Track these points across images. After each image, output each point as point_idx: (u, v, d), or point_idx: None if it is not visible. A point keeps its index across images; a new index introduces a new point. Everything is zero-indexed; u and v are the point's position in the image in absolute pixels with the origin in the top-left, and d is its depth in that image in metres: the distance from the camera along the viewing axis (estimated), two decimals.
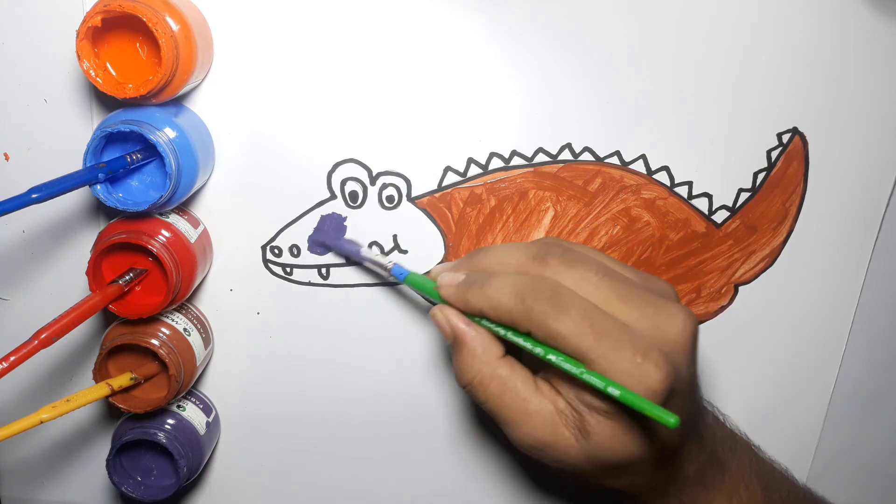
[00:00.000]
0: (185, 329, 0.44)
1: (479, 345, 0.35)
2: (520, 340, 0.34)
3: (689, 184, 0.46)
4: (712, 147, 0.45)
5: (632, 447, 0.33)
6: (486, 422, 0.50)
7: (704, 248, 0.47)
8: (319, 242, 0.46)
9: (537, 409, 0.34)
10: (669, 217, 0.47)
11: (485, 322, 0.36)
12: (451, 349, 0.37)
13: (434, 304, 0.39)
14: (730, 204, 0.47)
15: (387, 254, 0.47)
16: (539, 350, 0.33)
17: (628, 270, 0.36)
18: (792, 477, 0.43)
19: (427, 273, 0.40)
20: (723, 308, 0.49)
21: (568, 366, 0.32)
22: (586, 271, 0.34)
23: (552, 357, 0.33)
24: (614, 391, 0.31)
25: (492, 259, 0.36)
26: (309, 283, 0.47)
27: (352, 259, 0.46)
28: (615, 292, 0.33)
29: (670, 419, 0.29)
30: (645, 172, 0.46)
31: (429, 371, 0.49)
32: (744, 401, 0.51)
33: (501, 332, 0.35)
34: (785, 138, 0.46)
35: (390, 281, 0.46)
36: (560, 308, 0.32)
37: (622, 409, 0.32)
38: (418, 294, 0.47)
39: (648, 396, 0.31)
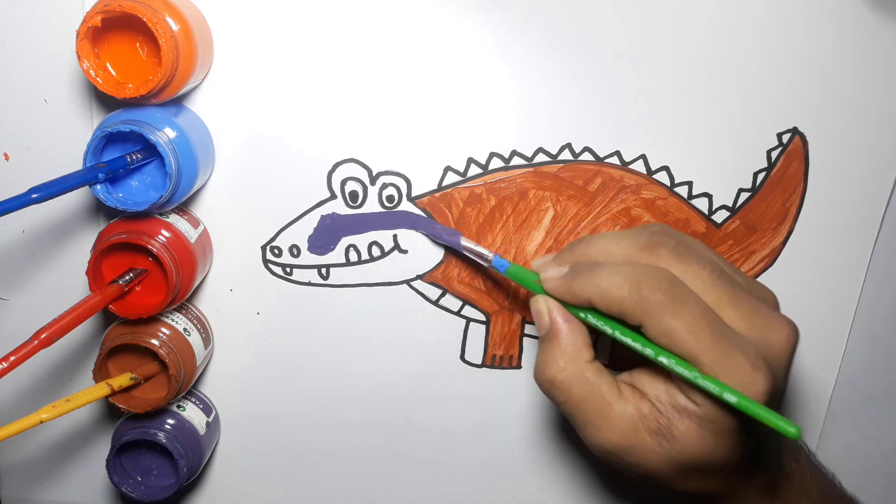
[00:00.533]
0: (185, 329, 0.44)
1: (572, 343, 0.34)
2: (628, 340, 0.33)
3: (689, 184, 0.46)
4: (712, 147, 0.45)
5: (719, 453, 0.32)
6: (485, 422, 0.50)
7: None
8: (416, 228, 0.46)
9: (619, 414, 0.33)
10: (669, 217, 0.47)
11: (590, 318, 0.34)
12: (541, 342, 0.35)
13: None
14: (730, 204, 0.47)
15: (387, 253, 0.47)
16: (649, 351, 0.32)
17: (736, 272, 0.35)
18: (840, 483, 0.42)
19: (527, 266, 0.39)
20: None
21: (681, 369, 0.31)
22: (700, 269, 0.32)
23: (664, 359, 0.31)
24: (731, 398, 0.30)
25: (595, 249, 0.34)
26: (309, 283, 0.47)
27: (450, 247, 0.45)
28: (727, 295, 0.32)
29: (791, 429, 0.29)
30: (645, 172, 0.46)
31: (429, 371, 0.49)
32: None
33: (609, 329, 0.33)
34: (785, 138, 0.46)
35: (489, 268, 0.44)
36: (678, 302, 0.31)
37: (717, 415, 0.31)
38: (427, 294, 0.47)
39: (761, 396, 0.31)
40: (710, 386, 0.30)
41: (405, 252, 0.47)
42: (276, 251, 0.47)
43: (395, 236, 0.46)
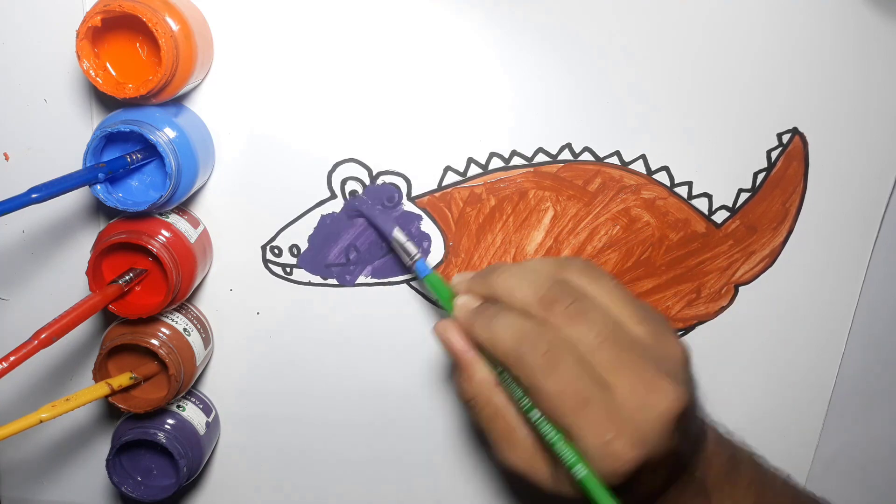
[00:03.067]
0: (184, 329, 0.44)
1: (478, 370, 0.36)
2: (510, 387, 0.35)
3: (689, 184, 0.46)
4: (712, 147, 0.45)
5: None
6: None
7: (704, 248, 0.47)
8: (355, 207, 0.45)
9: (521, 440, 0.35)
10: (669, 217, 0.47)
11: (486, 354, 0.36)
12: (452, 365, 0.37)
13: (442, 309, 0.39)
14: (730, 204, 0.47)
15: (387, 253, 0.47)
16: (525, 402, 0.34)
17: (644, 325, 0.35)
18: (794, 489, 0.43)
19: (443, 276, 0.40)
20: (723, 308, 0.49)
21: (545, 429, 0.33)
22: (588, 331, 0.33)
23: (533, 416, 0.34)
24: (579, 472, 0.32)
25: (502, 287, 0.36)
26: (309, 283, 0.47)
27: (381, 234, 0.46)
28: (611, 360, 0.33)
29: None
30: (645, 172, 0.46)
31: (429, 371, 0.49)
32: (744, 401, 0.51)
33: (497, 369, 0.35)
34: (785, 138, 0.46)
35: (408, 271, 0.45)
36: (551, 366, 0.32)
37: None
38: (429, 294, 0.47)
39: (610, 474, 0.32)
40: (566, 455, 0.32)
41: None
42: (276, 251, 0.47)
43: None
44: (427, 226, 0.46)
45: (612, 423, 0.32)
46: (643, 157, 0.45)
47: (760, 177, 0.46)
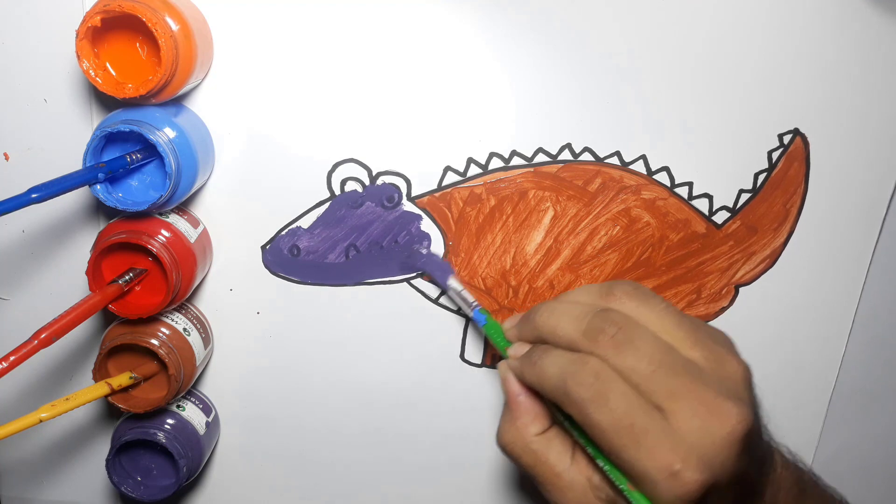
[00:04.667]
0: (184, 329, 0.44)
1: (522, 415, 0.36)
2: (572, 430, 0.34)
3: (690, 184, 0.46)
4: (713, 148, 0.45)
5: None
6: (485, 421, 0.50)
7: (705, 248, 0.47)
8: (413, 262, 0.46)
9: (569, 483, 0.34)
10: (669, 217, 0.47)
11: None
12: (504, 406, 0.37)
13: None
14: (730, 205, 0.47)
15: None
16: (583, 441, 0.33)
17: (699, 347, 0.33)
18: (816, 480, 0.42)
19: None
20: (723, 309, 0.49)
21: (610, 474, 0.32)
22: (638, 359, 0.31)
23: (591, 453, 0.33)
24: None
25: (546, 327, 0.35)
26: (309, 283, 0.47)
27: (436, 283, 0.47)
28: (665, 387, 0.31)
29: None
30: (645, 173, 0.46)
31: (428, 372, 0.49)
32: None
33: (560, 416, 0.35)
34: (786, 139, 0.45)
35: (465, 314, 0.45)
36: (601, 398, 0.31)
37: None
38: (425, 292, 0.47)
39: (679, 499, 0.30)
40: (632, 497, 0.31)
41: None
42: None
43: (394, 235, 0.46)
44: (427, 226, 0.46)
45: (675, 451, 0.30)
46: (643, 157, 0.45)
47: (761, 177, 0.46)
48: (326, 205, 0.46)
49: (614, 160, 0.45)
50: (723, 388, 0.32)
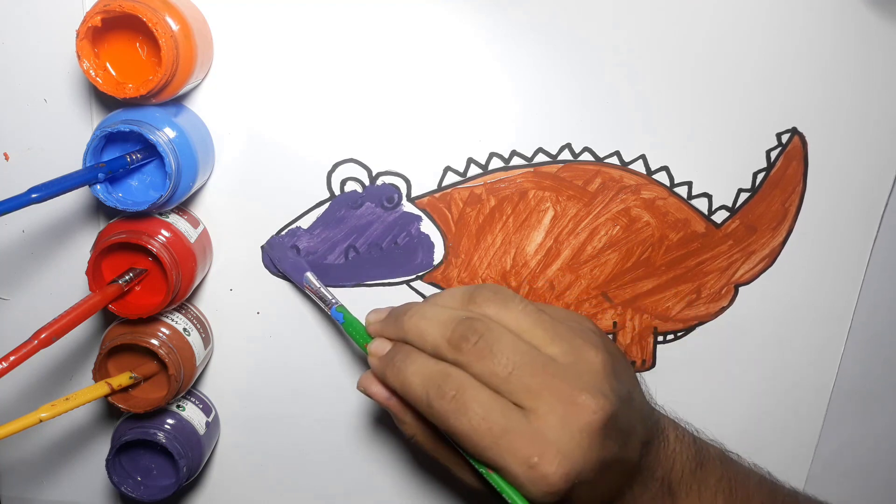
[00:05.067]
0: (184, 329, 0.44)
1: (405, 415, 0.37)
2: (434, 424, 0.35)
3: (689, 184, 0.46)
4: (712, 147, 0.45)
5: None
6: None
7: (704, 248, 0.47)
8: (267, 252, 0.46)
9: (469, 465, 0.36)
10: (669, 217, 0.47)
11: None
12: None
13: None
14: (729, 204, 0.47)
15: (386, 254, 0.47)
16: (450, 440, 0.35)
17: (556, 344, 0.35)
18: (772, 485, 0.43)
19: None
20: (723, 309, 0.49)
21: (474, 464, 0.34)
22: (496, 364, 0.33)
23: (461, 451, 0.35)
24: (510, 498, 0.33)
25: (413, 331, 0.36)
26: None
27: (292, 282, 0.46)
28: (523, 386, 0.33)
29: None
30: (644, 172, 0.46)
31: None
32: (744, 401, 0.51)
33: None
34: (784, 138, 0.46)
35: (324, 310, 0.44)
36: (461, 408, 0.33)
37: None
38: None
39: (544, 496, 0.32)
40: (496, 484, 0.33)
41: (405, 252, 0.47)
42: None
43: (394, 236, 0.46)
44: (427, 226, 0.46)
45: (533, 446, 0.32)
46: (643, 157, 0.45)
47: (760, 177, 0.46)
48: (326, 205, 0.46)
49: (614, 160, 0.45)
50: (580, 381, 0.34)
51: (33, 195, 0.33)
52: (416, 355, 0.35)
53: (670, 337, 0.49)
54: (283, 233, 0.46)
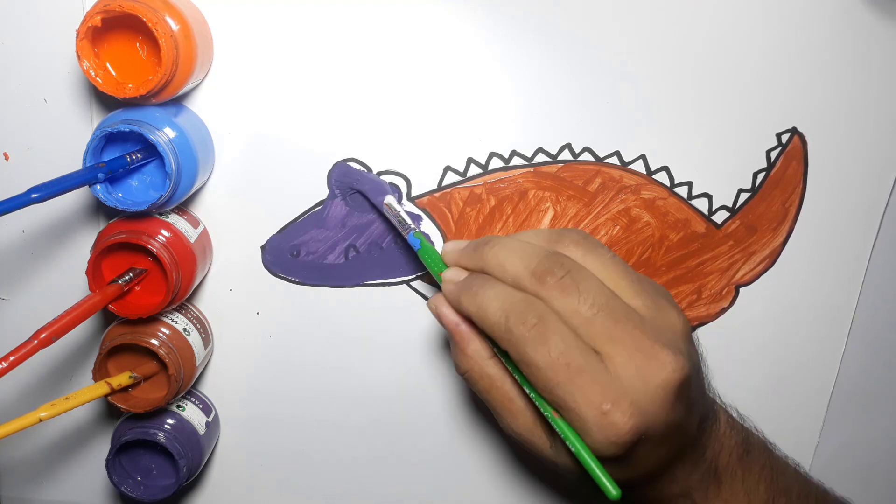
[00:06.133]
0: (184, 329, 0.44)
1: (469, 342, 0.35)
2: (504, 359, 0.34)
3: (689, 184, 0.46)
4: (712, 147, 0.45)
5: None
6: (486, 421, 0.50)
7: (704, 248, 0.47)
8: (342, 177, 0.45)
9: (520, 409, 0.35)
10: (669, 217, 0.47)
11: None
12: (447, 338, 0.36)
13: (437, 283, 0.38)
14: (730, 204, 0.47)
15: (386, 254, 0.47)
16: (517, 376, 0.33)
17: (641, 297, 0.34)
18: (805, 476, 0.42)
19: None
20: (724, 310, 0.49)
21: (539, 403, 0.33)
22: (581, 303, 0.32)
23: (526, 388, 0.33)
24: (572, 444, 0.31)
25: (493, 260, 0.35)
26: (309, 285, 0.47)
27: (371, 202, 0.45)
28: (605, 331, 0.32)
29: (612, 491, 0.30)
30: (645, 172, 0.46)
31: (429, 371, 0.49)
32: (744, 401, 0.51)
33: (489, 341, 0.35)
34: (784, 138, 0.46)
35: (401, 239, 0.43)
36: (540, 338, 0.32)
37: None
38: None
39: (609, 445, 0.31)
40: (559, 428, 0.32)
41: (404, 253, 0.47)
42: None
43: (394, 237, 0.46)
44: (427, 226, 0.46)
45: (608, 392, 0.31)
46: (643, 157, 0.45)
47: (760, 177, 0.46)
48: (326, 205, 0.46)
49: (614, 160, 0.45)
50: (661, 336, 0.33)
51: (33, 195, 0.33)
52: (495, 282, 0.34)
53: None
54: (283, 232, 0.46)
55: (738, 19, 0.43)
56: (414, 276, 0.47)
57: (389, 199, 0.43)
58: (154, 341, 0.42)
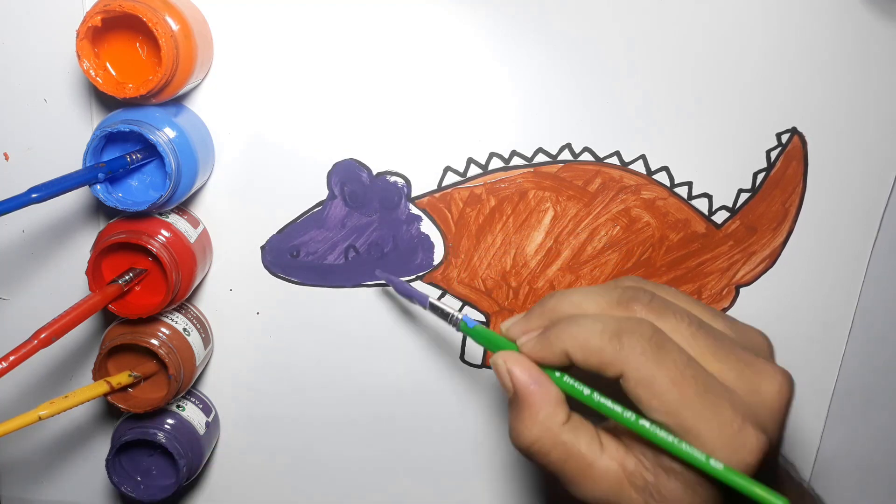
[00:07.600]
0: (184, 329, 0.44)
1: (543, 407, 0.31)
2: (607, 403, 0.30)
3: (689, 184, 0.46)
4: (712, 147, 0.45)
5: None
6: (486, 421, 0.50)
7: (705, 248, 0.47)
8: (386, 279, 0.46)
9: (602, 473, 0.31)
10: (669, 217, 0.47)
11: (565, 378, 0.32)
12: (510, 405, 0.33)
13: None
14: (730, 204, 0.47)
15: (386, 254, 0.47)
16: (629, 415, 0.30)
17: (720, 320, 0.32)
18: None
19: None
20: (724, 310, 0.49)
21: (663, 435, 0.29)
22: (678, 322, 0.30)
23: (645, 424, 0.29)
24: (716, 465, 0.28)
25: (567, 304, 0.32)
26: (309, 285, 0.47)
27: (416, 302, 0.43)
28: (710, 348, 0.30)
29: (778, 502, 0.27)
30: (645, 173, 0.46)
31: (429, 370, 0.49)
32: None
33: (586, 391, 0.31)
34: (784, 138, 0.46)
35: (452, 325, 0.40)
36: (662, 352, 0.29)
37: (704, 479, 0.29)
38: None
39: (742, 467, 0.28)
40: (696, 455, 0.28)
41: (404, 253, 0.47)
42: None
43: (394, 237, 0.46)
44: (427, 227, 0.46)
45: (735, 410, 0.28)
46: (643, 157, 0.45)
47: (760, 177, 0.46)
48: (326, 205, 0.46)
49: (614, 160, 0.45)
50: (759, 353, 0.31)
51: (33, 195, 0.33)
52: (585, 315, 0.31)
53: None
54: (283, 233, 0.46)
55: (737, 19, 0.43)
56: (414, 277, 0.47)
57: (433, 301, 0.40)
58: (154, 341, 0.42)
